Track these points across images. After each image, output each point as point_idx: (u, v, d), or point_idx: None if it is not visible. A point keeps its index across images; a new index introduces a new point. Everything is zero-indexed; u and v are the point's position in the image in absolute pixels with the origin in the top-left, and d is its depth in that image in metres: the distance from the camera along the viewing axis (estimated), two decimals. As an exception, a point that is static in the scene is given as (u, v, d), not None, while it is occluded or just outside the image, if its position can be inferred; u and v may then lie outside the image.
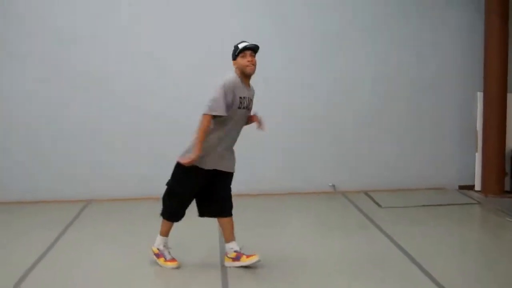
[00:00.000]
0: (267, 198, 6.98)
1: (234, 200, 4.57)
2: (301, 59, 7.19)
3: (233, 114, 4.27)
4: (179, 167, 4.35)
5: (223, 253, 4.61)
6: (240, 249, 4.51)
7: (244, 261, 4.43)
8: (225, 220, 4.52)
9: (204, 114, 4.19)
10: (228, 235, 4.52)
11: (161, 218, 4.54)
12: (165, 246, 4.53)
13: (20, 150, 6.89)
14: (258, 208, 6.55)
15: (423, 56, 7.43)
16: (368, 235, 5.50)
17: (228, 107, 4.20)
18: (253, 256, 4.43)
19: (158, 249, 4.53)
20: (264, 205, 6.72)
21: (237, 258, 4.46)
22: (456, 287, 4.10)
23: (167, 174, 4.44)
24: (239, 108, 4.30)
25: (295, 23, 7.17)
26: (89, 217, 6.21)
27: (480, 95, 7.36)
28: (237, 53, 4.31)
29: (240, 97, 4.28)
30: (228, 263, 4.51)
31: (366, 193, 7.24)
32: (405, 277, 4.32)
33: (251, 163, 6.60)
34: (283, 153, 7.23)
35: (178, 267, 4.47)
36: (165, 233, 4.53)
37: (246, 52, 4.29)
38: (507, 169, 7.34)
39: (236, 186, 4.61)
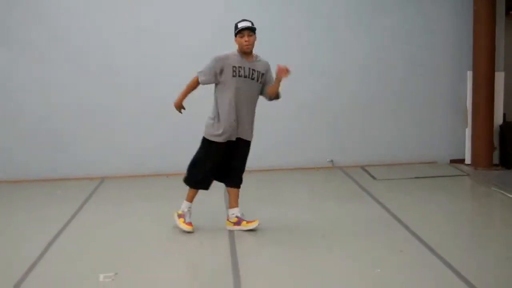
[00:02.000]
0: (269, 173, 7.39)
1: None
2: (300, 43, 7.57)
3: (232, 83, 4.72)
4: (203, 141, 4.87)
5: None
6: (242, 215, 5.01)
7: (245, 226, 4.95)
8: (232, 189, 5.03)
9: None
10: (233, 202, 5.03)
11: (187, 186, 5.00)
12: (189, 210, 5.01)
13: (37, 131, 7.27)
14: (261, 180, 6.95)
15: (416, 38, 7.79)
16: (362, 203, 5.97)
17: (215, 75, 4.73)
18: (253, 222, 4.95)
19: (182, 211, 5.02)
20: (266, 178, 7.13)
21: (238, 223, 4.99)
22: (441, 246, 4.52)
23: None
24: (235, 76, 4.71)
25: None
26: (105, 193, 6.64)
27: (469, 74, 7.75)
28: (236, 32, 4.75)
29: (234, 66, 4.72)
30: (229, 226, 5.03)
31: (362, 167, 7.68)
32: (395, 238, 4.79)
33: (256, 141, 7.00)
34: (284, 131, 7.60)
35: (190, 232, 4.93)
36: (190, 199, 5.02)
37: (244, 32, 4.72)
38: (496, 143, 7.75)
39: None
